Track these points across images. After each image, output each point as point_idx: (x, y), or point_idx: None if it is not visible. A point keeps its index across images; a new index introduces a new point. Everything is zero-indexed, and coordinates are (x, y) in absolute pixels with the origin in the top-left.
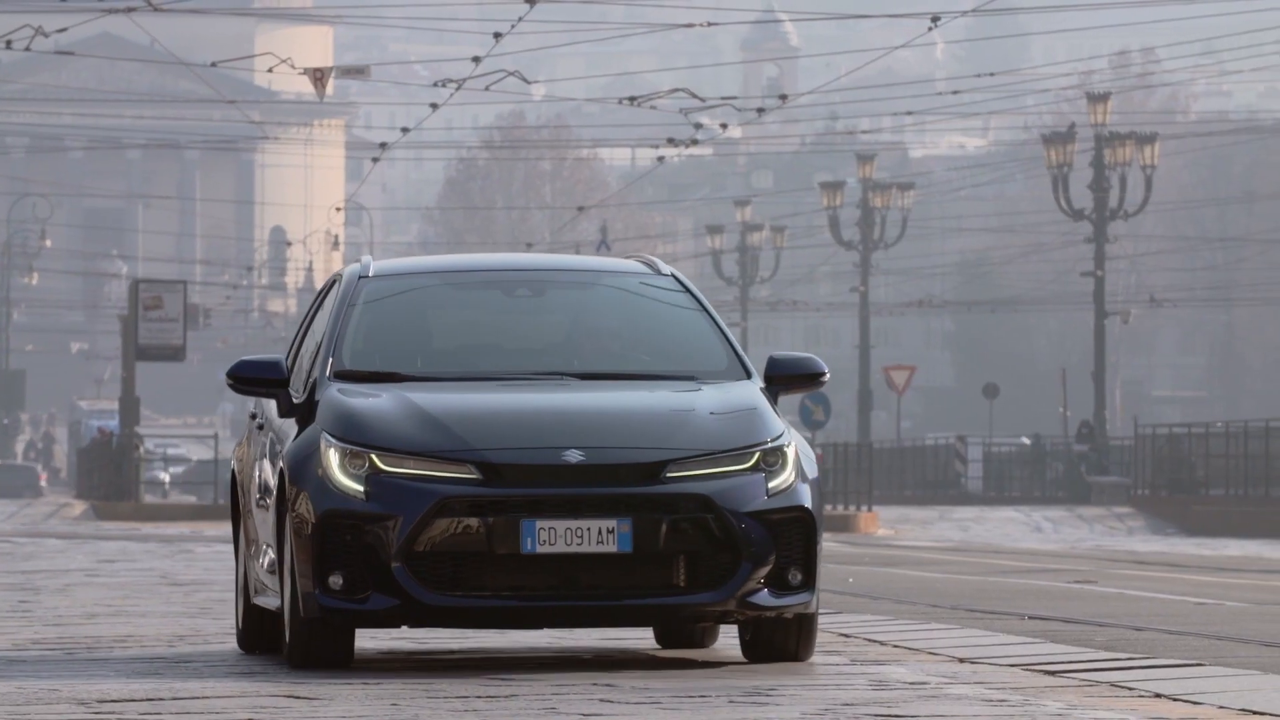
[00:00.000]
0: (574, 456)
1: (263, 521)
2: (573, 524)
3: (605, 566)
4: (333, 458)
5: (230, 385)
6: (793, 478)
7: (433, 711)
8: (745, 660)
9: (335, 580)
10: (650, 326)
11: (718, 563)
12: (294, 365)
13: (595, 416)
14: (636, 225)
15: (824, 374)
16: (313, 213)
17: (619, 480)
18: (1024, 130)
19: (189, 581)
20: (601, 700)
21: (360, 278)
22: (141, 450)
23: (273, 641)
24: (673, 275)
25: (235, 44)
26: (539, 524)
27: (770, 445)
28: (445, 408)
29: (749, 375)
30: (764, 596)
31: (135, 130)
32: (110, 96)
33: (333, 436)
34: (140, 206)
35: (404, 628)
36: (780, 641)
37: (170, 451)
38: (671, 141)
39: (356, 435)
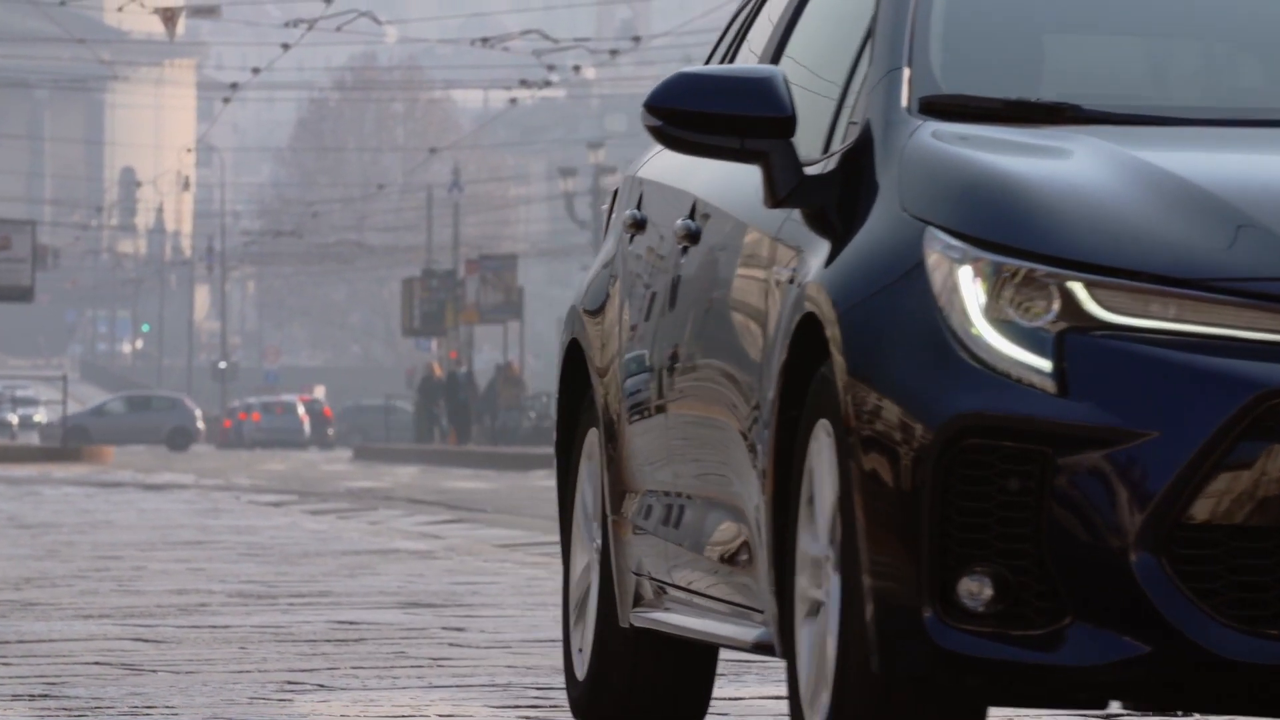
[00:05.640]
0: None
1: (679, 453)
2: None
3: None
4: (968, 285)
5: (656, 132)
6: None
7: None
8: None
9: (975, 587)
10: None
11: None
12: None
13: None
14: (489, 167)
15: None
16: (163, 153)
17: None
18: None
19: (37, 524)
20: None
21: None
22: None
23: (665, 704)
24: None
25: None
26: None
27: None
28: (1236, 181)
29: None
30: None
31: None
32: None
33: (960, 237)
34: None
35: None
36: None
37: (18, 393)
38: (524, 83)
39: (1024, 236)
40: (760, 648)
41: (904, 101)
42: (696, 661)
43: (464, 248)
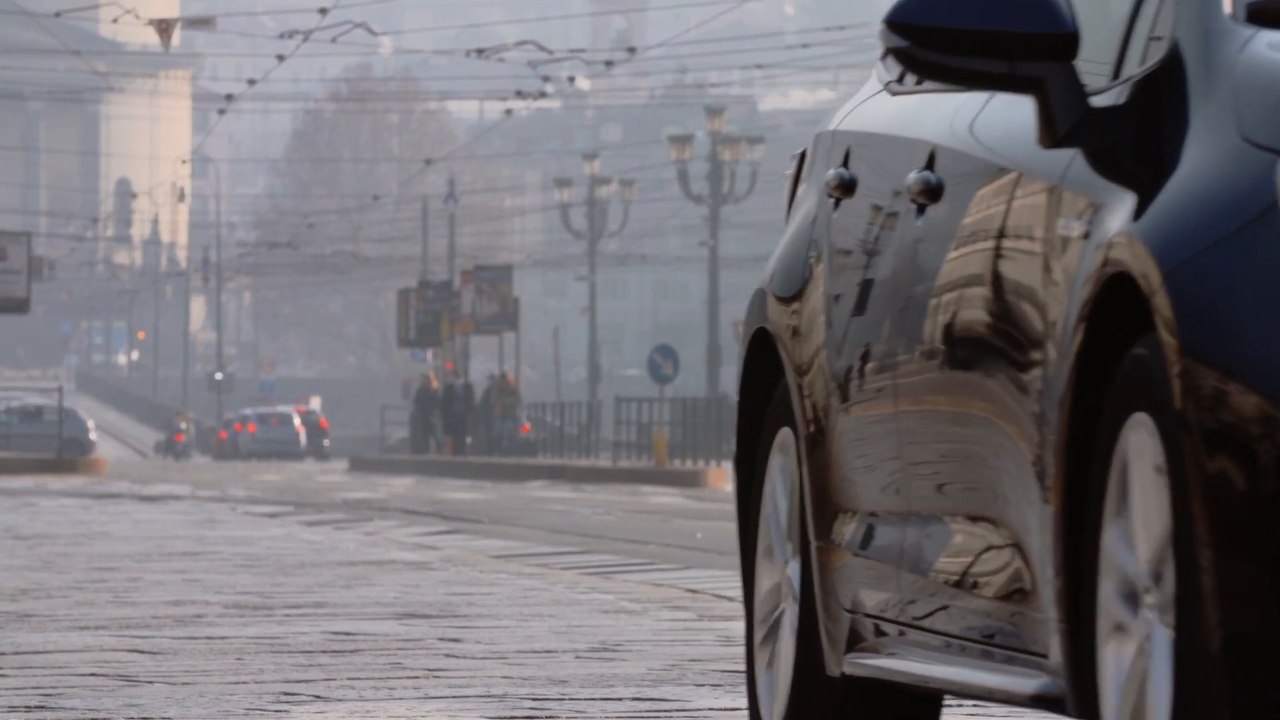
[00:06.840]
0: None
1: (917, 461)
2: None
3: None
4: None
5: (902, 54)
6: None
7: None
8: None
9: None
10: None
11: None
12: None
13: None
14: (484, 178)
15: None
16: (159, 164)
17: None
18: None
19: (32, 535)
20: None
21: None
22: None
23: None
24: None
25: None
26: None
27: None
28: None
29: None
30: None
31: None
32: None
33: None
34: None
35: None
36: None
37: (13, 405)
38: (519, 94)
39: None
40: (1042, 701)
41: (1226, 8)
42: (918, 713)
43: (459, 258)
